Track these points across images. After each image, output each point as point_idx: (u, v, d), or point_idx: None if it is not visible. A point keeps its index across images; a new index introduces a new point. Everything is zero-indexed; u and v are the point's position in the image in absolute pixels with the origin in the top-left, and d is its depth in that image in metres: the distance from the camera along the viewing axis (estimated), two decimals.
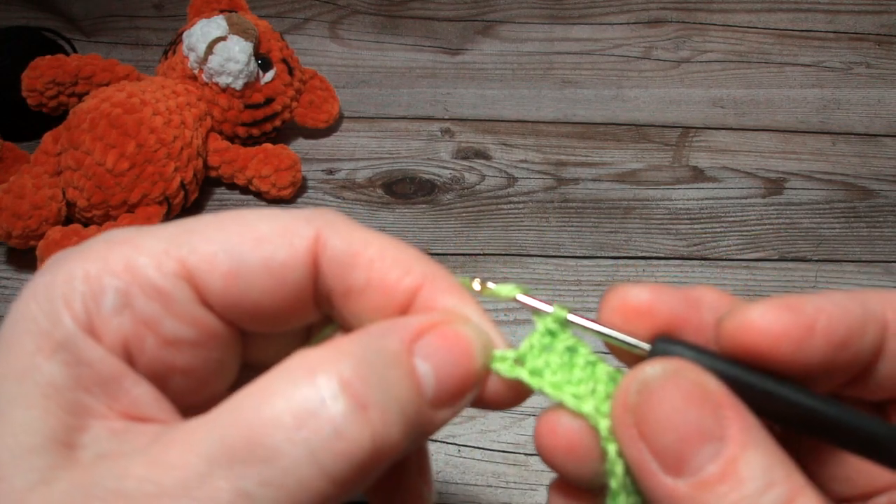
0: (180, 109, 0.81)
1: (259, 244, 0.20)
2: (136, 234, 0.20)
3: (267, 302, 0.21)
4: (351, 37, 1.08)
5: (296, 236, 0.21)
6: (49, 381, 0.18)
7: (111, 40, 1.09)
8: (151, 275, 0.20)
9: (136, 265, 0.20)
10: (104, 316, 0.19)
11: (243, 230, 0.20)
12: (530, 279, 0.78)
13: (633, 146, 0.93)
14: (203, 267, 0.20)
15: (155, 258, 0.20)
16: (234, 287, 0.20)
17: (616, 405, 0.20)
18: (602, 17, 1.08)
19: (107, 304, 0.19)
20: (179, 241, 0.20)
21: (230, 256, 0.20)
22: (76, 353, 0.19)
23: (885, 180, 0.89)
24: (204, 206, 0.86)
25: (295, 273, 0.21)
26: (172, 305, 0.20)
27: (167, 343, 0.20)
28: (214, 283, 0.20)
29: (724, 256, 0.80)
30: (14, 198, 0.73)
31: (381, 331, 0.20)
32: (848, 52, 1.06)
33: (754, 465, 0.18)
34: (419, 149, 0.93)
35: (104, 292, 0.19)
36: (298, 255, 0.21)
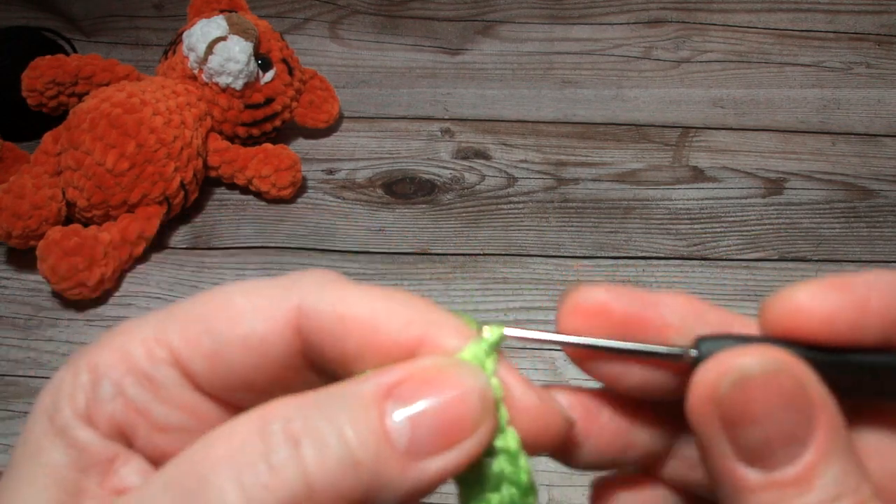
0: (180, 109, 0.81)
1: (236, 321, 0.20)
2: (133, 324, 0.21)
3: (253, 377, 0.20)
4: (351, 37, 1.08)
5: (274, 308, 0.20)
6: (49, 463, 0.20)
7: (111, 40, 1.09)
8: (142, 362, 0.20)
9: (130, 354, 0.20)
10: (99, 403, 0.20)
11: (222, 307, 0.20)
12: (530, 279, 0.78)
13: (633, 146, 0.93)
14: (186, 350, 0.20)
15: (146, 345, 0.20)
16: (217, 367, 0.20)
17: (699, 393, 0.19)
18: (602, 17, 1.08)
19: (102, 392, 0.20)
20: (166, 327, 0.20)
21: (210, 337, 0.20)
22: (73, 439, 0.20)
23: (885, 180, 0.89)
24: (204, 207, 0.86)
25: (276, 346, 0.20)
26: (162, 391, 0.20)
27: (160, 429, 0.21)
28: (199, 364, 0.20)
29: (724, 256, 0.80)
30: (14, 198, 0.73)
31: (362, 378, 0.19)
32: (848, 52, 1.06)
33: (829, 473, 0.18)
34: (419, 149, 0.93)
35: (100, 382, 0.20)
36: (278, 328, 0.20)
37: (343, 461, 0.18)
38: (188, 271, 0.79)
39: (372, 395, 0.19)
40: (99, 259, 0.73)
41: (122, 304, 0.76)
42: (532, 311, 0.75)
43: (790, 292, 0.20)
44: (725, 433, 0.19)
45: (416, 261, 0.80)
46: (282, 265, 0.79)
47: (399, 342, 0.20)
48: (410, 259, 0.80)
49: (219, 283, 0.79)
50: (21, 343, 0.73)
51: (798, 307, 0.19)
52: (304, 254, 0.80)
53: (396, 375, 0.19)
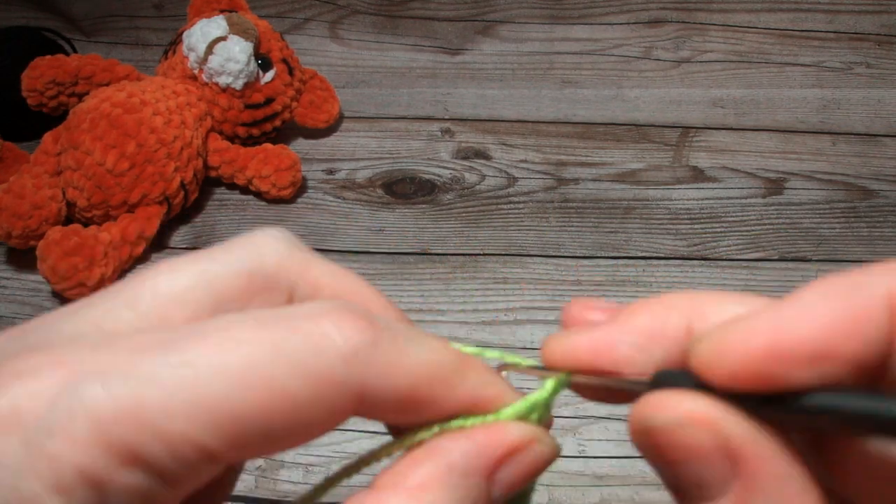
0: (180, 109, 0.81)
1: (294, 414, 0.17)
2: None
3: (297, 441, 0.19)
4: (351, 37, 1.08)
5: (335, 397, 0.18)
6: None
7: (111, 40, 1.09)
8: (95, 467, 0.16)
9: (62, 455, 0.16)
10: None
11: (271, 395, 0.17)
12: (530, 279, 0.78)
13: (633, 146, 0.93)
14: (215, 443, 0.17)
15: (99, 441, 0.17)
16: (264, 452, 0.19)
17: (632, 431, 0.19)
18: (602, 17, 1.08)
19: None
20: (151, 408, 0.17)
21: (262, 438, 0.17)
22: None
23: (885, 180, 0.89)
24: (204, 207, 0.86)
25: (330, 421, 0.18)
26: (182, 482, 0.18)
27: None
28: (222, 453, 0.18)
29: (724, 256, 0.80)
30: (14, 198, 0.73)
31: (462, 450, 0.18)
32: (848, 52, 1.06)
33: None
34: (419, 149, 0.93)
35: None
36: (335, 416, 0.18)
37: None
38: None
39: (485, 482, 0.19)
40: (99, 259, 0.73)
41: None
42: (532, 311, 0.75)
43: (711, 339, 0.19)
44: (653, 466, 0.19)
45: (416, 261, 0.80)
46: None
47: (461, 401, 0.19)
48: (410, 259, 0.80)
49: None
50: None
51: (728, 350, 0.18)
52: None
53: (497, 453, 0.19)
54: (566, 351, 0.21)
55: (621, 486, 0.61)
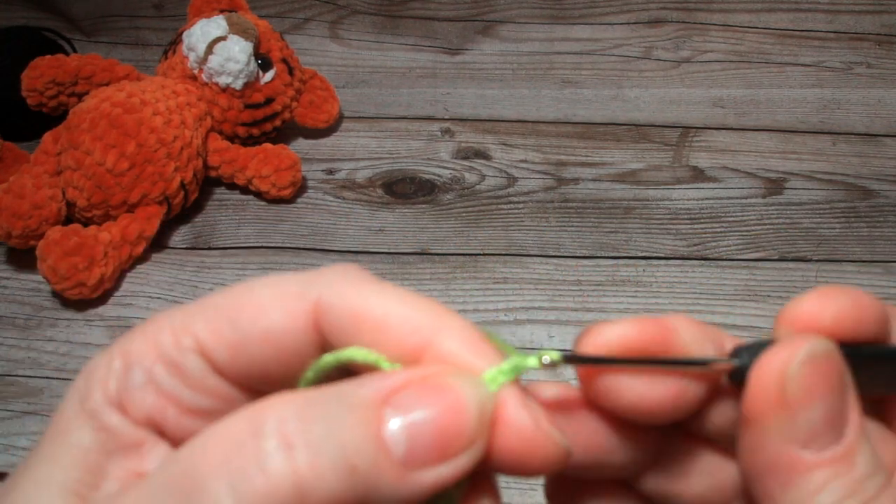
0: (180, 109, 0.81)
1: (258, 313, 0.21)
2: (166, 314, 0.22)
3: (272, 368, 0.21)
4: (351, 37, 1.08)
5: (295, 302, 0.21)
6: (76, 443, 0.21)
7: (111, 40, 1.09)
8: (170, 351, 0.21)
9: (159, 342, 0.21)
10: (132, 391, 0.21)
11: (246, 300, 0.21)
12: (530, 279, 0.78)
13: (633, 146, 0.93)
14: (211, 340, 0.21)
15: (174, 335, 0.21)
16: (238, 357, 0.21)
17: (764, 380, 0.21)
18: (602, 17, 1.08)
19: (134, 379, 0.21)
20: (194, 317, 0.21)
21: (233, 328, 0.21)
22: (101, 422, 0.21)
23: (885, 180, 0.89)
24: (204, 207, 0.86)
25: (295, 340, 0.21)
26: (189, 378, 0.21)
27: (188, 412, 0.22)
28: (222, 354, 0.21)
29: (724, 256, 0.80)
30: (14, 198, 0.73)
31: (361, 381, 0.19)
32: (848, 52, 1.06)
33: (866, 453, 0.21)
34: (419, 149, 0.93)
35: (132, 369, 0.21)
36: (298, 322, 0.21)
37: (338, 467, 0.17)
38: (188, 271, 0.79)
39: (371, 400, 0.18)
40: (99, 259, 0.73)
41: (122, 304, 0.76)
42: (532, 310, 0.75)
43: (802, 297, 0.22)
44: (786, 416, 0.20)
45: (416, 261, 0.80)
46: (282, 265, 0.79)
47: (407, 345, 0.20)
48: (410, 259, 0.80)
49: (219, 284, 0.79)
50: (21, 343, 0.73)
51: (810, 311, 0.22)
52: (304, 254, 0.80)
53: (396, 381, 0.19)
54: (621, 337, 0.22)
55: None
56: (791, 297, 0.22)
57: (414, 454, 0.18)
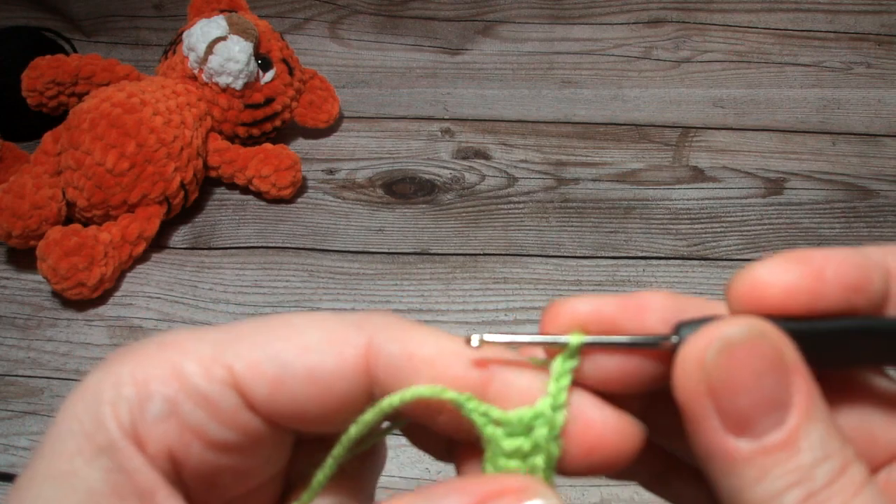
0: (180, 109, 0.81)
1: (305, 353, 0.20)
2: (185, 339, 0.21)
3: (314, 409, 0.21)
4: (351, 37, 1.08)
5: (346, 345, 0.20)
6: (87, 487, 0.18)
7: (111, 40, 1.09)
8: (198, 382, 0.20)
9: (184, 372, 0.20)
10: (149, 423, 0.19)
11: (290, 337, 0.20)
12: (530, 279, 0.78)
13: (633, 146, 0.93)
14: (249, 375, 0.20)
15: (202, 365, 0.20)
16: (279, 395, 0.20)
17: (685, 367, 0.20)
18: (602, 17, 1.08)
19: (153, 410, 0.19)
20: (226, 348, 0.20)
21: (275, 365, 0.20)
22: (117, 460, 0.19)
23: (885, 180, 0.89)
24: (204, 207, 0.86)
25: (343, 382, 0.20)
26: (219, 412, 0.20)
27: (213, 447, 0.20)
28: (260, 390, 0.20)
29: (724, 256, 0.80)
30: (14, 198, 0.73)
31: (441, 496, 0.19)
32: (848, 52, 1.06)
33: (814, 436, 0.19)
34: (419, 149, 0.93)
35: (151, 399, 0.19)
36: (348, 365, 0.20)
37: None
38: (188, 271, 0.79)
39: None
40: (99, 259, 0.73)
41: (122, 304, 0.76)
42: (532, 311, 0.75)
43: (751, 268, 0.20)
44: (713, 404, 0.19)
45: (416, 261, 0.80)
46: (281, 265, 0.79)
47: (468, 378, 0.21)
48: (410, 259, 0.80)
49: (219, 284, 0.78)
50: (21, 343, 0.73)
51: (760, 281, 0.20)
52: (304, 254, 0.81)
53: (489, 489, 0.20)
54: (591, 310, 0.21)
55: (621, 485, 0.61)
56: None
57: None
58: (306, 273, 0.79)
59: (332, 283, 0.78)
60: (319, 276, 0.78)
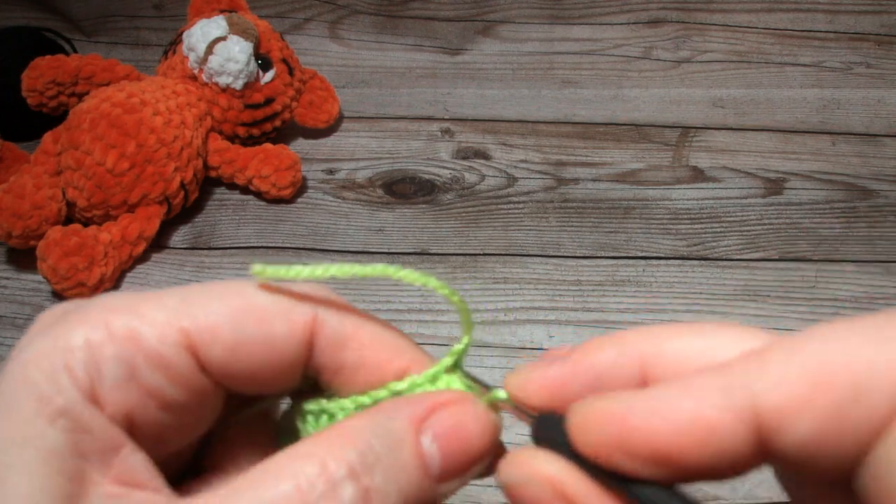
0: (180, 109, 0.81)
1: (260, 319, 0.22)
2: (138, 302, 0.21)
3: (262, 373, 0.22)
4: (351, 37, 1.08)
5: (295, 313, 0.22)
6: (51, 448, 0.19)
7: (111, 40, 1.09)
8: (155, 345, 0.21)
9: (140, 335, 0.20)
10: (108, 386, 0.20)
11: (245, 304, 0.22)
12: (530, 279, 0.78)
13: (633, 146, 0.94)
14: (205, 338, 0.21)
15: (158, 328, 0.21)
16: (233, 358, 0.21)
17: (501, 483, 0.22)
18: (602, 17, 1.08)
19: (110, 373, 0.20)
20: (181, 313, 0.21)
21: (231, 329, 0.21)
22: (78, 421, 0.19)
23: (885, 180, 0.89)
24: (204, 207, 0.86)
25: (291, 348, 0.22)
26: (175, 375, 0.21)
27: (167, 407, 0.21)
28: (215, 353, 0.21)
29: (724, 256, 0.80)
30: (14, 198, 0.73)
31: (391, 408, 0.22)
32: (848, 52, 1.06)
33: None
34: (419, 149, 0.93)
35: (107, 361, 0.20)
36: (297, 332, 0.22)
37: (404, 496, 0.20)
38: (188, 271, 0.79)
39: (411, 431, 0.21)
40: (99, 259, 0.73)
41: None
42: (532, 311, 0.75)
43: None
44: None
45: (416, 261, 0.80)
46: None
47: (390, 367, 0.23)
48: (410, 259, 0.80)
49: None
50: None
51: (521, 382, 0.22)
52: (304, 254, 0.81)
53: (424, 406, 0.22)
54: (522, 385, 0.23)
55: None
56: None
57: (446, 471, 0.21)
58: None
59: (331, 284, 0.77)
60: None
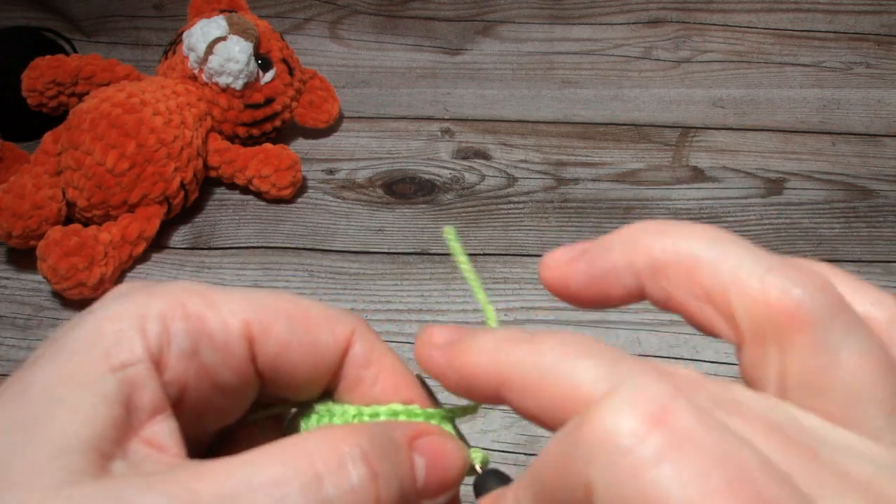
0: (180, 109, 0.81)
1: (310, 325, 0.24)
2: (210, 290, 0.23)
3: (302, 373, 0.24)
4: (351, 37, 1.08)
5: (339, 326, 0.24)
6: (104, 393, 0.20)
7: (111, 40, 1.09)
8: (219, 329, 0.23)
9: (207, 317, 0.23)
10: (173, 354, 0.22)
11: (299, 310, 0.24)
12: (530, 279, 0.78)
13: (633, 146, 0.94)
14: (262, 332, 0.23)
15: (224, 315, 0.23)
16: (282, 355, 0.23)
17: None
18: (602, 17, 1.08)
19: (178, 344, 0.22)
20: (246, 306, 0.23)
21: (287, 330, 0.23)
22: (136, 377, 0.21)
23: (885, 180, 0.89)
24: (204, 207, 0.86)
25: (330, 356, 0.24)
26: (231, 359, 0.23)
27: (216, 388, 0.23)
28: (269, 349, 0.23)
29: None
30: (14, 198, 0.73)
31: (388, 424, 0.24)
32: (848, 52, 1.06)
33: None
34: (419, 149, 0.93)
35: (177, 334, 0.22)
36: (338, 343, 0.24)
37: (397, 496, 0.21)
38: (188, 271, 0.79)
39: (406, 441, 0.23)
40: (99, 259, 0.73)
41: None
42: (532, 310, 0.75)
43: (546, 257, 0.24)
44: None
45: (416, 261, 0.80)
46: (281, 265, 0.79)
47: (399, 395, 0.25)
48: (410, 259, 0.80)
49: (219, 284, 0.78)
50: (21, 343, 0.73)
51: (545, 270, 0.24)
52: (304, 254, 0.81)
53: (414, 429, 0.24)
54: (420, 357, 0.24)
55: None
56: None
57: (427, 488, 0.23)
58: (306, 273, 0.79)
59: (332, 283, 0.78)
60: (319, 276, 0.78)
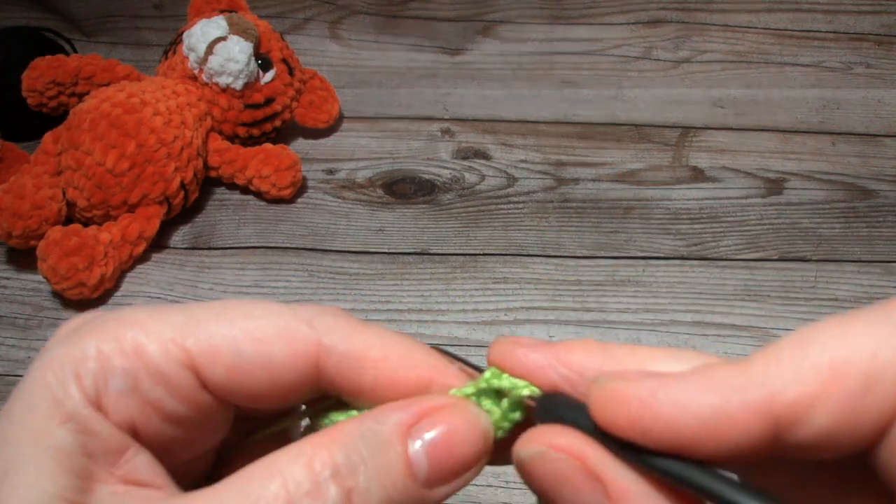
0: (180, 109, 0.81)
1: (260, 344, 0.22)
2: (147, 318, 0.22)
3: (263, 393, 0.23)
4: (351, 37, 1.08)
5: (297, 341, 0.22)
6: (59, 446, 0.20)
7: (111, 40, 1.09)
8: (158, 361, 0.22)
9: (146, 350, 0.22)
10: (112, 395, 0.21)
11: (247, 326, 0.22)
12: (530, 279, 0.78)
13: (633, 146, 0.94)
14: (206, 359, 0.22)
15: (162, 345, 0.22)
16: (233, 379, 0.22)
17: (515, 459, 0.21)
18: (602, 17, 1.08)
19: (115, 384, 0.21)
20: (186, 331, 0.22)
21: (231, 352, 0.22)
22: (85, 424, 0.21)
23: (885, 180, 0.89)
24: (204, 207, 0.86)
25: (292, 373, 0.23)
26: (176, 390, 0.22)
27: (170, 419, 0.22)
28: (216, 373, 0.22)
29: (724, 256, 0.80)
30: (14, 198, 0.73)
31: (380, 414, 0.22)
32: (848, 52, 1.06)
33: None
34: (419, 149, 0.93)
35: (114, 373, 0.21)
36: (298, 358, 0.22)
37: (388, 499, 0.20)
38: (188, 271, 0.79)
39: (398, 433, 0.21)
40: (99, 259, 0.73)
41: (122, 304, 0.76)
42: (532, 310, 0.75)
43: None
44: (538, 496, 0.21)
45: (416, 261, 0.80)
46: (281, 265, 0.79)
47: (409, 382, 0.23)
48: (410, 259, 0.80)
49: (219, 284, 0.78)
50: (21, 343, 0.73)
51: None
52: (304, 254, 0.81)
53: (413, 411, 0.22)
54: (507, 356, 0.23)
55: None
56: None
57: (434, 476, 0.21)
58: (306, 273, 0.79)
59: (332, 283, 0.78)
60: (319, 276, 0.78)
